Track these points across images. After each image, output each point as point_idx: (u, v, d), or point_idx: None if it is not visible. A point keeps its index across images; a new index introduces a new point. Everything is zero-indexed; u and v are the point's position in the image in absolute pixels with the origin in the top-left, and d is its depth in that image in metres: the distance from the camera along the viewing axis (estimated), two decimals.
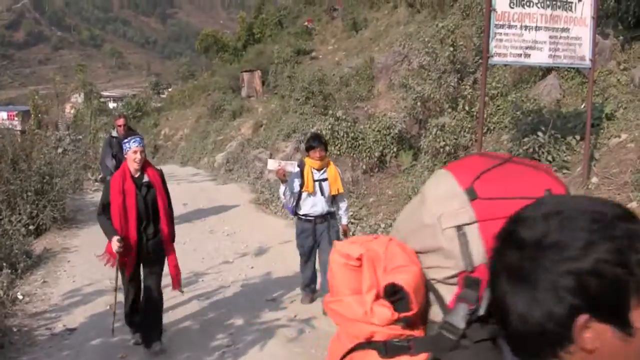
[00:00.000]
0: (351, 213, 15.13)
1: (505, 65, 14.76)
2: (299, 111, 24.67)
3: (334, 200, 9.64)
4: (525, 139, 11.97)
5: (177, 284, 8.43)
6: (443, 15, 22.35)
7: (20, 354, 8.34)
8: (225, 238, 14.95)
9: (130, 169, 7.91)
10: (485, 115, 14.21)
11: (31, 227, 15.15)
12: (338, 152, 17.76)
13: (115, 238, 7.50)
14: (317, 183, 9.35)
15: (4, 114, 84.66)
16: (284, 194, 9.56)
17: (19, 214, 15.17)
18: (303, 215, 9.53)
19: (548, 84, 14.56)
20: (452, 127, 14.84)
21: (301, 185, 9.28)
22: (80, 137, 32.63)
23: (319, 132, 15.68)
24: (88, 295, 10.83)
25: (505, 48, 10.47)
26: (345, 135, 17.70)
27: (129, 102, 65.52)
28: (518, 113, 13.58)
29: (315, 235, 9.55)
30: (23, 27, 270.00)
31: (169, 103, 64.35)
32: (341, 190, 9.58)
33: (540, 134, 11.82)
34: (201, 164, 33.77)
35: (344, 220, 10.05)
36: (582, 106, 12.79)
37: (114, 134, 14.55)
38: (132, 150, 7.83)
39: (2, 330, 8.91)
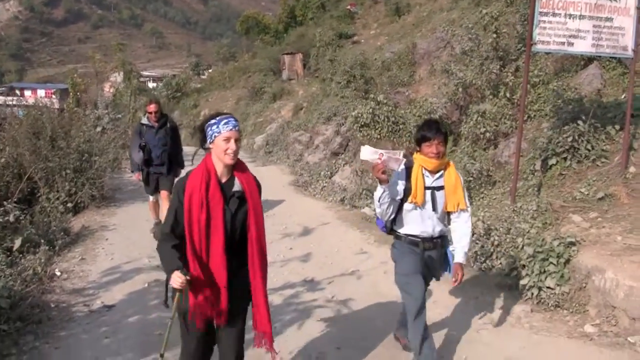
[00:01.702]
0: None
1: (548, 53, 14.67)
2: (340, 94, 24.67)
3: (448, 219, 6.76)
4: (565, 127, 11.91)
5: (268, 342, 5.59)
6: (487, 2, 22.19)
7: (58, 330, 8.38)
8: (269, 219, 14.88)
9: (217, 168, 5.19)
10: (526, 103, 14.23)
11: (69, 205, 15.27)
12: (378, 136, 17.91)
13: (177, 273, 4.94)
14: (428, 192, 6.47)
15: (42, 92, 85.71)
16: (379, 200, 6.34)
17: (57, 191, 15.35)
18: (404, 234, 6.64)
19: (589, 73, 14.48)
20: (492, 113, 14.84)
21: (405, 192, 6.44)
22: (120, 115, 32.95)
23: (435, 117, 12.42)
24: (126, 273, 10.90)
25: (549, 36, 10.44)
26: (386, 120, 17.87)
27: (168, 83, 65.70)
28: (559, 102, 13.52)
29: (425, 266, 6.70)
30: (63, 5, 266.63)
31: (209, 84, 64.16)
32: (463, 206, 6.59)
33: (580, 122, 11.74)
34: (243, 145, 33.39)
35: (460, 257, 6.66)
36: (623, 96, 12.73)
37: (144, 120, 13.04)
38: (222, 135, 5.05)
39: (40, 306, 8.98)
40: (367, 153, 6.08)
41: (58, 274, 10.78)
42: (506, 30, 17.21)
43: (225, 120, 5.11)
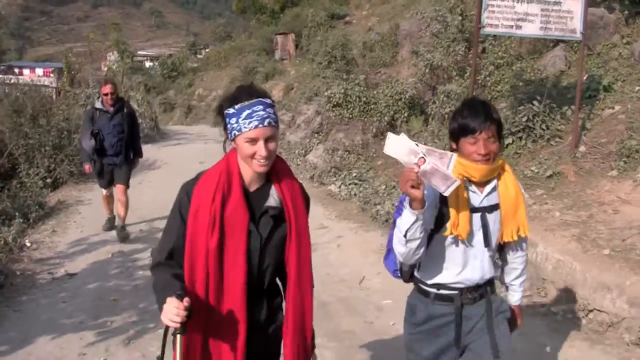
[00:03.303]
0: (356, 173, 15.63)
1: (496, 35, 15.12)
2: (321, 75, 25.05)
3: (501, 252, 4.49)
4: (521, 108, 12.32)
5: None
6: None
7: (19, 295, 8.89)
8: None
9: (243, 170, 3.50)
10: (489, 84, 14.63)
11: (48, 181, 15.84)
12: (350, 116, 18.29)
13: (171, 300, 3.08)
14: (476, 216, 4.08)
15: (40, 71, 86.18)
16: (406, 234, 3.74)
17: (37, 167, 15.90)
18: (433, 285, 4.21)
19: (554, 55, 14.90)
20: (458, 94, 15.24)
21: (439, 219, 4.00)
22: None
23: (482, 98, 5.76)
24: (93, 244, 11.41)
25: (497, 19, 10.85)
26: (357, 100, 18.21)
27: (164, 62, 66.16)
28: (520, 83, 13.94)
29: (459, 331, 4.24)
30: None
31: (205, 64, 64.54)
32: (524, 232, 4.23)
33: (535, 103, 12.16)
34: None
35: (515, 296, 4.64)
36: (585, 77, 13.12)
37: (98, 104, 11.64)
38: (244, 136, 3.31)
39: (5, 273, 9.47)
40: (399, 147, 3.55)
41: (28, 244, 11.35)
42: (474, 13, 17.57)
43: (248, 111, 3.28)
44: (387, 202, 12.52)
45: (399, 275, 4.39)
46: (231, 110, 3.36)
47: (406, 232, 3.69)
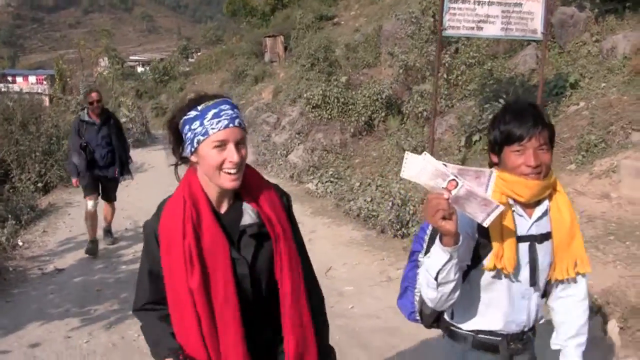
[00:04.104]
0: (332, 172, 16.17)
1: (458, 37, 15.78)
2: (304, 77, 25.51)
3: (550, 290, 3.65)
4: (486, 105, 12.85)
5: None
6: None
7: (12, 288, 9.68)
8: None
9: (208, 191, 3.05)
10: (461, 83, 15.18)
11: (40, 185, 16.51)
12: (329, 117, 18.88)
13: None
14: (523, 246, 3.34)
15: (33, 78, 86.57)
16: (437, 277, 3.06)
17: (28, 172, 16.55)
18: (472, 331, 3.51)
19: (525, 54, 15.37)
20: (430, 93, 15.78)
21: (477, 252, 3.32)
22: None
23: (530, 100, 4.74)
24: (80, 242, 11.99)
25: (459, 22, 11.34)
26: (335, 100, 18.81)
27: (155, 66, 66.37)
28: (490, 81, 14.46)
29: None
30: None
31: (197, 67, 64.44)
32: (585, 268, 3.47)
33: (501, 100, 12.66)
34: None
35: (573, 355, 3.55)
36: (553, 75, 13.61)
37: (84, 117, 11.21)
38: (210, 140, 2.89)
39: None
40: (421, 169, 2.85)
41: (20, 244, 12.15)
42: None
43: (215, 110, 2.89)
44: (360, 198, 12.99)
45: (418, 319, 3.72)
46: (192, 114, 2.91)
47: (437, 274, 3.03)
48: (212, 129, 2.86)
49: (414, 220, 11.05)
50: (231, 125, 2.87)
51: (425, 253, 3.31)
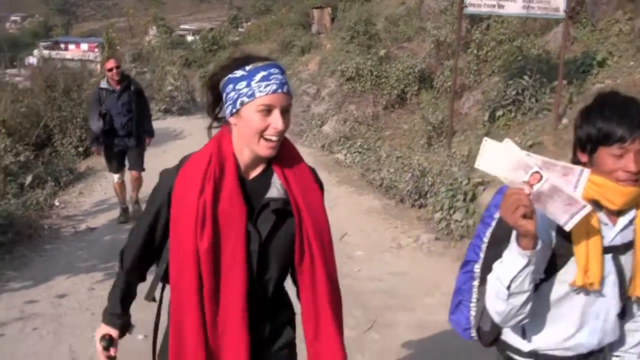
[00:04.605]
0: (360, 142, 16.56)
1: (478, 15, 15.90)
2: (344, 49, 25.78)
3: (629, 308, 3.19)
4: (510, 82, 13.10)
5: None
6: None
7: (45, 244, 10.43)
8: None
9: (238, 156, 2.87)
10: (490, 59, 15.42)
11: (80, 149, 17.13)
12: (362, 89, 19.25)
13: (98, 348, 3.15)
14: (607, 258, 2.91)
15: (85, 46, 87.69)
16: (509, 287, 2.71)
17: (70, 137, 17.23)
18: (532, 352, 3.09)
19: (557, 31, 15.47)
20: (460, 68, 16.05)
21: (553, 262, 2.90)
22: (146, 69, 34.47)
23: (621, 93, 3.06)
24: (113, 204, 12.60)
25: None
26: (369, 74, 19.15)
27: (205, 36, 66.55)
28: (518, 57, 14.66)
29: None
30: None
31: (246, 37, 64.29)
32: None
33: (525, 77, 12.92)
34: None
35: None
36: (588, 51, 13.76)
37: (103, 84, 10.99)
38: (256, 102, 2.69)
39: (34, 227, 10.94)
40: (500, 158, 2.62)
41: (57, 204, 12.88)
42: None
43: (264, 73, 2.70)
44: (384, 169, 13.39)
45: (474, 336, 3.30)
46: (239, 73, 2.72)
47: (511, 282, 2.68)
48: (260, 91, 2.67)
49: (432, 192, 11.37)
50: (280, 90, 2.69)
51: (483, 264, 3.05)
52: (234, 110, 2.74)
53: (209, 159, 2.79)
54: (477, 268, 3.12)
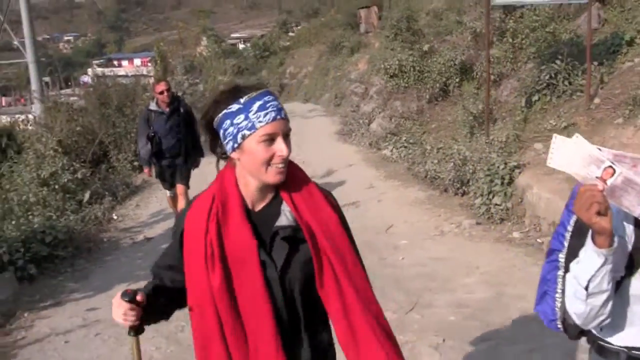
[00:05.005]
0: (405, 137, 17.12)
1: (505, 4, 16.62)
2: (389, 47, 26.22)
3: None
4: (543, 67, 13.56)
5: None
6: None
7: (105, 256, 11.18)
8: (301, 164, 16.86)
9: (243, 189, 2.92)
10: (525, 46, 15.87)
11: (135, 163, 17.94)
12: (406, 85, 19.78)
13: (117, 298, 2.99)
14: None
15: (138, 61, 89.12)
16: (587, 286, 2.62)
17: (125, 152, 18.09)
18: (625, 347, 2.84)
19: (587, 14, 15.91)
20: (497, 58, 16.53)
21: (632, 256, 2.70)
22: (198, 80, 35.26)
23: None
24: (170, 214, 13.12)
25: None
26: (412, 69, 19.68)
27: (255, 43, 67.43)
28: (549, 43, 15.10)
29: None
30: None
31: (296, 41, 64.60)
32: None
33: (557, 61, 13.34)
34: (322, 100, 35.38)
35: None
36: (617, 31, 14.10)
37: (152, 106, 11.08)
38: (258, 134, 2.72)
39: (93, 240, 11.74)
40: (571, 155, 2.56)
41: (115, 217, 13.62)
42: None
43: (260, 102, 2.73)
44: (429, 161, 13.93)
45: (560, 328, 3.07)
46: (235, 107, 2.74)
47: (588, 282, 2.61)
48: (260, 122, 2.68)
49: (474, 179, 11.83)
50: (278, 117, 2.71)
51: (568, 253, 2.91)
52: (236, 145, 2.75)
53: (212, 198, 2.85)
54: (562, 257, 2.97)
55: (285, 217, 2.83)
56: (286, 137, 2.75)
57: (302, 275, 2.85)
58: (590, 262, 2.54)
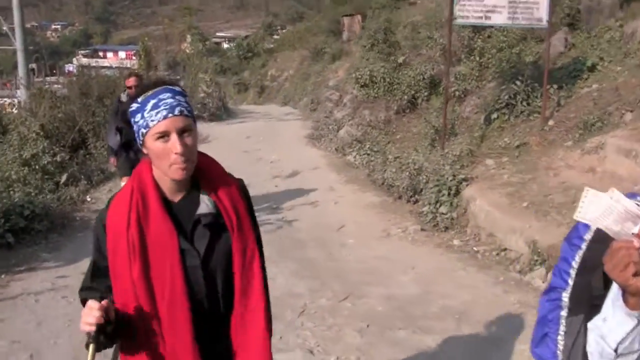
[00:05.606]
0: (369, 145, 17.72)
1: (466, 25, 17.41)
2: (365, 57, 26.78)
3: None
4: (503, 87, 14.19)
5: None
6: None
7: (76, 232, 11.86)
8: (269, 165, 17.87)
9: (160, 182, 2.92)
10: (490, 65, 16.48)
11: None
12: (376, 95, 20.46)
13: (90, 303, 2.69)
14: None
15: (123, 54, 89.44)
16: (611, 342, 2.20)
17: (102, 140, 18.65)
18: None
19: (555, 37, 16.44)
20: (464, 75, 17.16)
21: None
22: (179, 77, 35.70)
23: None
24: None
25: (468, 12, 12.78)
26: (382, 80, 20.33)
27: (240, 43, 67.75)
28: (511, 64, 15.72)
29: None
30: None
31: (280, 44, 64.81)
32: None
33: (517, 82, 13.95)
34: (300, 104, 35.81)
35: None
36: (579, 57, 14.77)
37: (123, 97, 10.81)
38: (152, 132, 2.74)
39: (68, 218, 12.51)
40: (604, 208, 2.11)
41: (89, 199, 14.33)
42: None
43: (154, 101, 2.74)
44: (388, 169, 14.47)
45: None
46: (135, 106, 2.79)
47: (618, 345, 2.27)
48: (152, 120, 2.71)
49: (426, 188, 12.40)
50: (170, 115, 2.70)
51: (573, 292, 2.60)
52: (140, 142, 2.82)
53: (130, 192, 2.85)
54: (566, 296, 2.64)
55: (206, 205, 2.88)
56: (182, 133, 2.72)
57: (224, 261, 2.94)
58: (621, 324, 2.22)
